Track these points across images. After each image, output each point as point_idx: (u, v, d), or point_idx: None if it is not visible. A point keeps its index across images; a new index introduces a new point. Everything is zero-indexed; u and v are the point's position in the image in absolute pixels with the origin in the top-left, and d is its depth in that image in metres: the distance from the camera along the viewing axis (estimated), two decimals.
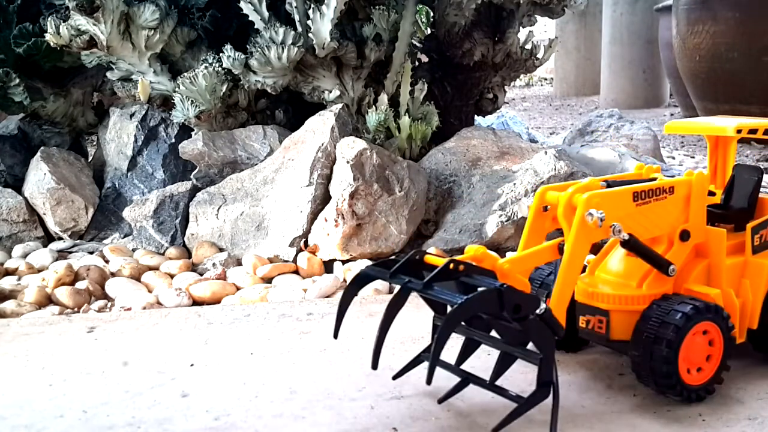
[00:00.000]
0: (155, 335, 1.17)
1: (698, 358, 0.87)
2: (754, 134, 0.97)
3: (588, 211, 0.83)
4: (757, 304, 0.93)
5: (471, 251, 0.86)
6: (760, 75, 3.07)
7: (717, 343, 0.88)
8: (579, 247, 0.84)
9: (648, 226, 0.90)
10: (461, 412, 0.87)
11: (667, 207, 0.90)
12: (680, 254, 0.91)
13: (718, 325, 0.87)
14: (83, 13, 1.69)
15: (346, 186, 1.54)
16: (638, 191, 0.89)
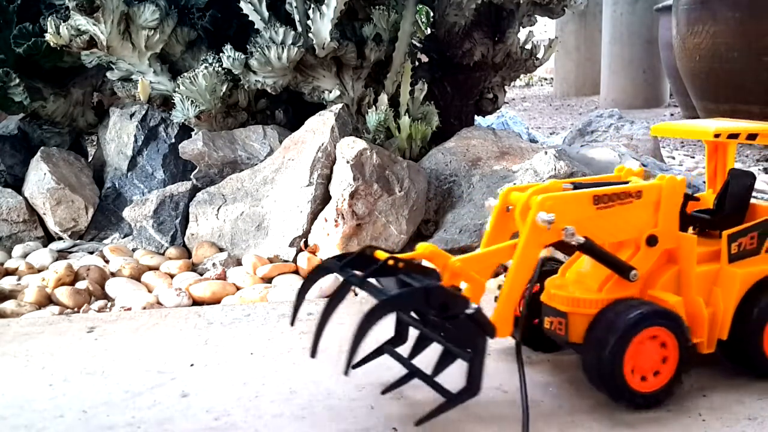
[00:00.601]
0: (155, 335, 1.17)
1: (649, 365, 0.85)
2: (735, 138, 0.94)
3: (538, 213, 0.83)
4: (727, 314, 0.89)
5: (420, 249, 0.87)
6: (760, 75, 3.07)
7: (672, 351, 0.85)
8: (528, 249, 0.84)
9: (611, 230, 0.89)
10: (462, 412, 0.87)
11: (633, 211, 0.88)
12: (646, 259, 0.89)
13: (672, 333, 0.85)
14: (83, 13, 1.69)
15: (346, 186, 1.54)
16: (599, 195, 0.87)
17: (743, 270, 0.90)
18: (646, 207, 0.89)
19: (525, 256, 0.85)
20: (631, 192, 0.88)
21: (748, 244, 0.91)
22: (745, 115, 3.13)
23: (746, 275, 0.90)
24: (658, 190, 0.89)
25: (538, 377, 0.94)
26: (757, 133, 0.94)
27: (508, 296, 0.85)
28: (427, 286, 0.81)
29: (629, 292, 0.89)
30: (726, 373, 0.95)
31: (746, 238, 0.91)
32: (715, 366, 0.98)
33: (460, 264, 0.86)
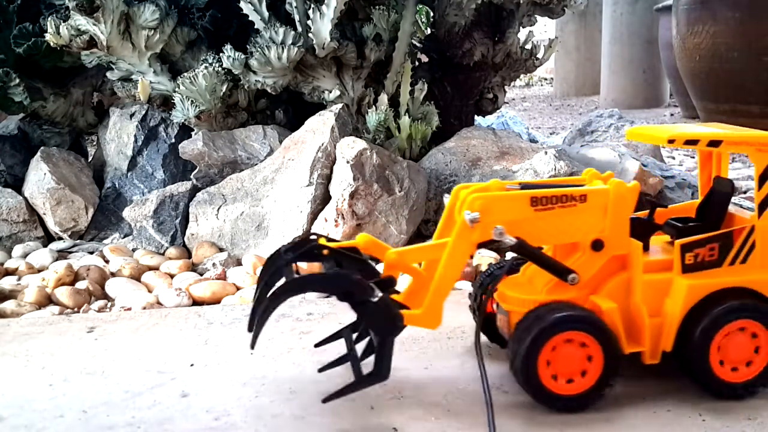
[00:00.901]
0: (155, 335, 1.17)
1: (569, 369, 0.84)
2: (693, 144, 0.89)
3: (464, 211, 0.85)
4: (672, 325, 0.87)
5: (359, 239, 0.91)
6: (760, 75, 3.08)
7: (596, 356, 0.85)
8: (457, 245, 0.86)
9: (552, 232, 0.88)
10: (461, 412, 0.87)
11: (577, 215, 0.88)
12: (591, 264, 0.89)
13: (595, 338, 0.84)
14: (83, 13, 1.69)
15: (346, 186, 1.54)
16: (537, 197, 0.87)
17: (692, 281, 0.86)
18: (592, 211, 0.88)
19: (454, 253, 0.86)
20: (575, 195, 0.88)
21: (706, 255, 0.87)
22: (745, 115, 3.13)
23: (694, 287, 0.86)
24: (605, 195, 0.88)
25: None
26: (722, 140, 0.88)
27: (437, 290, 0.87)
28: (328, 273, 0.87)
29: (569, 296, 0.88)
30: None
31: (704, 249, 0.87)
32: None
33: (395, 256, 0.90)
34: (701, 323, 0.85)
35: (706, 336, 0.85)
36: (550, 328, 0.83)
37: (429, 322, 0.87)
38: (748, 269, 0.88)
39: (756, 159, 0.87)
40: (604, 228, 0.88)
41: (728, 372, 0.87)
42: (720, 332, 0.86)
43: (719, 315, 0.85)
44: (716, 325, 0.85)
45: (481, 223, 0.85)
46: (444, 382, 0.96)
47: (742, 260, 0.88)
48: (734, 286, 0.87)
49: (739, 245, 0.88)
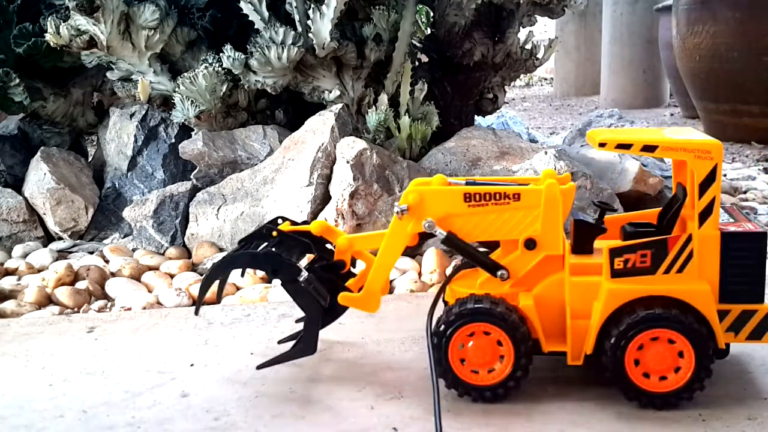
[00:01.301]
0: (155, 335, 1.17)
1: (481, 360, 0.87)
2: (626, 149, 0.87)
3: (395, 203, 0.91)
4: (593, 328, 0.86)
5: (313, 225, 1.00)
6: (760, 75, 3.08)
7: (507, 350, 0.87)
8: (392, 235, 0.92)
9: (486, 228, 0.91)
10: (462, 412, 0.87)
11: (509, 213, 0.90)
12: (523, 262, 0.90)
13: (505, 332, 0.86)
14: (83, 13, 1.69)
15: (346, 186, 1.54)
16: (470, 193, 0.90)
17: (615, 286, 0.86)
18: (525, 210, 0.89)
19: (388, 242, 0.93)
20: (508, 194, 0.89)
21: (638, 262, 0.86)
22: (745, 115, 3.13)
23: (616, 291, 0.85)
24: (539, 195, 0.89)
25: (536, 376, 0.94)
26: (657, 145, 0.86)
27: (374, 276, 0.94)
28: (259, 251, 0.96)
29: (500, 291, 0.90)
30: (726, 373, 0.95)
31: (635, 254, 0.86)
32: (715, 366, 0.98)
33: (345, 242, 0.99)
34: (617, 329, 0.85)
35: (620, 342, 0.85)
36: (456, 320, 0.87)
37: (366, 305, 0.96)
38: (683, 279, 0.86)
39: (695, 166, 0.84)
40: (536, 227, 0.89)
41: (647, 380, 0.86)
42: (635, 340, 0.85)
43: (635, 322, 0.84)
44: (631, 332, 0.84)
45: (413, 215, 0.90)
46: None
47: (678, 269, 0.86)
48: (661, 295, 0.85)
49: (674, 254, 0.85)
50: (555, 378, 0.95)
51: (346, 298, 0.96)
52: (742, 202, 2.10)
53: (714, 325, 0.85)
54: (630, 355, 0.85)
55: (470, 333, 0.87)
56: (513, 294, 0.90)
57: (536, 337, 0.88)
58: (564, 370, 0.93)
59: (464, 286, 0.93)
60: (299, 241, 1.00)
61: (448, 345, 0.87)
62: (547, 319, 0.89)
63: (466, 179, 0.96)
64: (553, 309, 0.89)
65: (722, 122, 3.30)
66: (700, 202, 0.84)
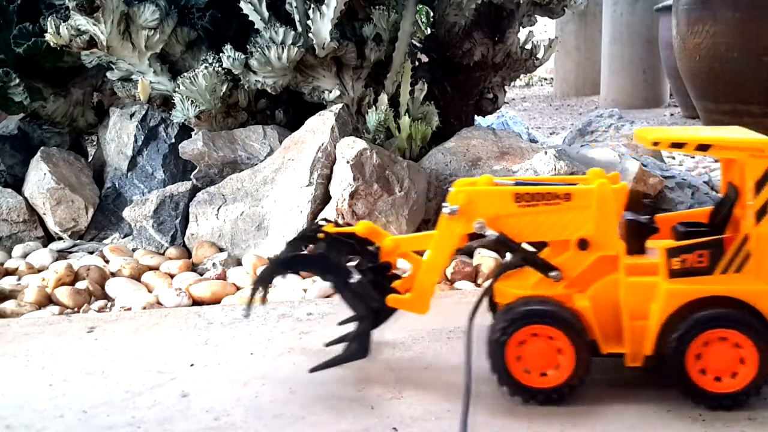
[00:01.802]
0: (155, 335, 1.17)
1: (540, 363, 0.86)
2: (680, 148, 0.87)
3: (444, 204, 0.90)
4: (652, 330, 0.86)
5: (359, 226, 0.98)
6: (760, 75, 3.07)
7: (566, 351, 0.86)
8: (441, 237, 0.91)
9: (537, 229, 0.90)
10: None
11: (561, 213, 0.89)
12: (577, 263, 0.89)
13: (566, 335, 0.85)
14: (83, 13, 1.69)
15: (346, 186, 1.54)
16: (521, 193, 0.89)
17: (674, 287, 0.85)
18: (578, 210, 0.88)
19: (438, 243, 0.92)
20: (559, 194, 0.89)
21: (695, 262, 0.85)
22: (745, 115, 3.13)
23: (676, 292, 0.85)
24: (590, 195, 0.88)
25: None
26: (711, 144, 0.86)
27: (424, 277, 0.93)
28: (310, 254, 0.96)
29: (553, 292, 0.89)
30: None
31: (692, 255, 0.85)
32: None
33: (391, 243, 0.97)
34: (677, 330, 0.84)
35: (681, 343, 0.84)
36: (513, 322, 0.86)
37: (416, 307, 0.94)
38: (741, 279, 0.85)
39: (751, 165, 0.84)
40: (589, 227, 0.88)
41: (709, 381, 0.85)
42: (696, 340, 0.84)
43: (695, 323, 0.84)
44: (692, 332, 0.84)
45: (463, 216, 0.89)
46: (444, 382, 0.96)
47: (736, 269, 0.85)
48: (720, 295, 0.85)
49: (732, 253, 0.85)
50: None
51: (396, 300, 0.94)
52: None
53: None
54: (691, 356, 0.85)
55: (533, 334, 0.86)
56: (566, 295, 0.89)
57: (594, 339, 0.87)
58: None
59: (515, 287, 0.91)
60: (346, 242, 0.98)
61: (506, 346, 0.86)
62: (602, 320, 0.88)
63: (514, 179, 0.95)
64: (607, 310, 0.88)
65: (722, 122, 3.29)
66: (756, 200, 0.84)
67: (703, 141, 0.86)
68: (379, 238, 0.98)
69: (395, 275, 0.99)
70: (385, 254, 0.97)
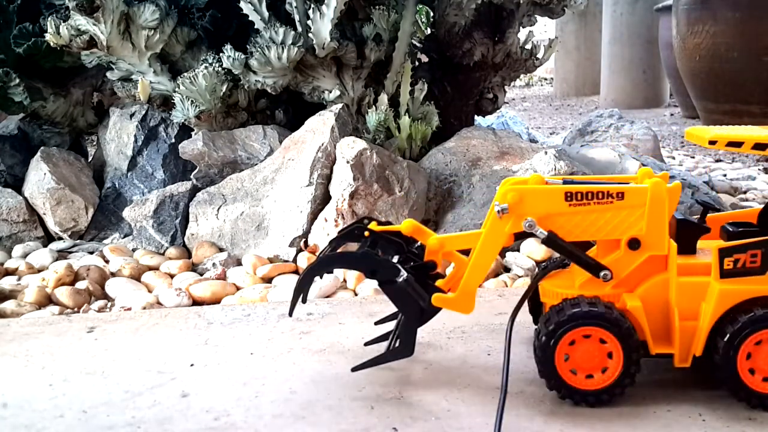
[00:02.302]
0: (155, 335, 1.17)
1: (590, 364, 0.86)
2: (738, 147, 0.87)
3: (494, 202, 0.89)
4: (703, 330, 0.86)
5: (405, 224, 0.97)
6: (760, 75, 3.08)
7: (615, 353, 0.85)
8: (490, 235, 0.90)
9: (588, 228, 0.89)
10: (462, 412, 0.87)
11: (613, 212, 0.88)
12: (627, 262, 0.88)
13: (616, 337, 0.85)
14: (83, 13, 1.69)
15: (346, 186, 1.54)
16: (572, 192, 0.88)
17: (726, 287, 0.85)
18: (629, 209, 0.88)
19: (486, 242, 0.91)
20: (612, 193, 0.88)
21: (748, 262, 0.85)
22: (745, 115, 3.13)
23: (728, 292, 0.85)
24: (644, 194, 0.87)
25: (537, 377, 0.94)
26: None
27: (469, 276, 0.92)
28: (357, 252, 0.94)
29: (602, 292, 0.89)
30: None
31: (745, 254, 0.85)
32: None
33: (436, 242, 0.96)
34: (730, 330, 0.84)
35: (733, 343, 0.84)
36: (566, 322, 0.85)
37: (461, 306, 0.92)
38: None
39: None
40: (641, 227, 0.88)
41: (760, 382, 0.85)
42: (749, 340, 0.84)
43: (748, 322, 0.84)
44: (745, 332, 0.84)
45: (513, 214, 0.88)
46: (444, 382, 0.96)
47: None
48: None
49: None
50: None
51: (441, 299, 0.93)
52: (742, 202, 2.10)
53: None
54: (743, 355, 0.84)
55: (580, 337, 0.85)
56: (615, 295, 0.88)
57: (644, 339, 0.87)
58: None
59: (561, 287, 0.91)
60: (392, 240, 0.98)
61: (556, 347, 0.85)
62: (652, 320, 0.88)
63: (563, 178, 0.95)
64: (656, 310, 0.88)
65: (722, 122, 3.30)
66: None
67: (760, 140, 0.86)
68: (424, 237, 0.98)
69: (439, 274, 0.98)
70: (430, 253, 0.97)
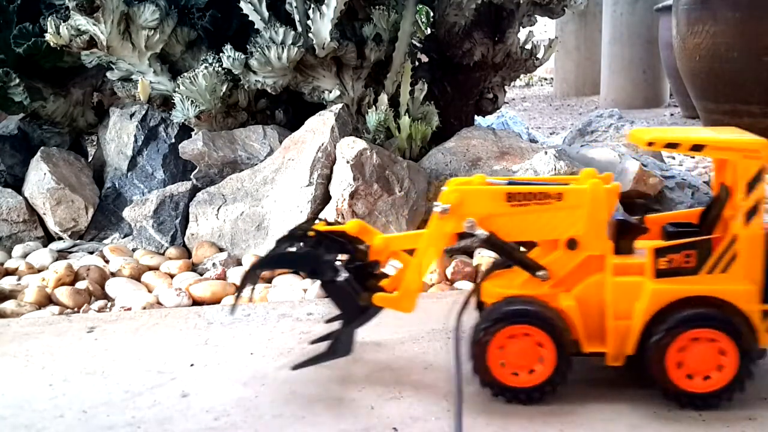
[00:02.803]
0: (155, 335, 1.17)
1: (522, 362, 0.86)
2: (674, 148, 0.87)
3: (435, 203, 0.89)
4: (635, 329, 0.86)
5: (349, 224, 0.97)
6: (760, 75, 3.07)
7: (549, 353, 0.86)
8: (431, 235, 0.91)
9: (527, 228, 0.89)
10: (462, 412, 0.87)
11: (552, 213, 0.88)
12: (565, 262, 0.89)
13: (549, 335, 0.85)
14: (83, 13, 1.69)
15: (346, 186, 1.54)
16: (513, 193, 0.89)
17: (659, 286, 0.85)
18: (568, 210, 0.88)
19: (428, 242, 0.91)
20: (551, 193, 0.88)
21: (682, 262, 0.86)
22: (745, 115, 3.13)
23: (661, 292, 0.85)
24: (582, 195, 0.88)
25: None
26: (705, 144, 0.86)
27: (411, 276, 0.92)
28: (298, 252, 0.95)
29: (540, 292, 0.89)
30: None
31: (679, 255, 0.85)
32: None
33: (382, 242, 0.97)
34: (660, 329, 0.84)
35: (663, 342, 0.84)
36: (497, 322, 0.86)
37: (402, 305, 0.93)
38: (727, 279, 0.85)
39: (743, 165, 0.84)
40: (579, 227, 0.88)
41: (689, 381, 0.85)
42: (679, 339, 0.84)
43: (679, 322, 0.84)
44: (675, 332, 0.84)
45: (454, 215, 0.89)
46: (444, 382, 0.96)
47: (722, 269, 0.85)
48: (705, 295, 0.85)
49: (719, 254, 0.85)
50: None
51: (383, 298, 0.93)
52: None
53: (757, 326, 0.84)
54: (672, 355, 0.85)
55: (514, 334, 0.86)
56: (552, 294, 0.89)
57: (576, 338, 0.88)
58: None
59: (502, 287, 0.91)
60: (336, 240, 0.98)
61: (488, 345, 0.86)
62: (587, 319, 0.88)
63: (507, 179, 0.95)
64: (593, 310, 0.88)
65: (722, 122, 3.29)
66: (747, 201, 0.84)
67: (697, 141, 0.86)
68: (369, 237, 0.98)
69: (384, 274, 0.99)
70: (375, 253, 0.97)
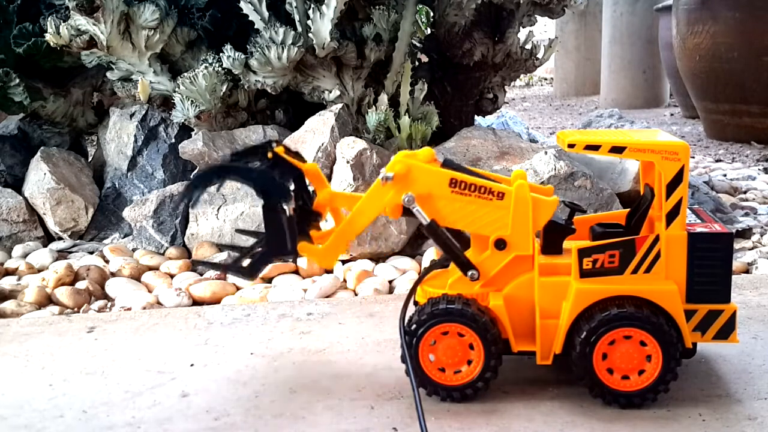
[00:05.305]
0: (155, 335, 1.17)
1: (451, 360, 0.88)
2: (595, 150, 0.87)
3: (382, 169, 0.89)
4: (562, 328, 0.87)
5: (307, 165, 0.97)
6: (760, 75, 3.08)
7: (477, 350, 0.87)
8: (369, 199, 0.91)
9: (463, 217, 0.90)
10: (462, 412, 0.87)
11: (488, 209, 0.89)
12: (494, 262, 0.90)
13: (476, 333, 0.86)
14: (83, 13, 1.69)
15: (346, 186, 1.54)
16: (458, 179, 0.90)
17: (584, 286, 0.86)
18: (505, 210, 0.89)
19: (364, 205, 0.91)
20: (494, 191, 0.89)
21: (606, 262, 0.87)
22: (745, 115, 3.13)
23: (586, 291, 0.86)
24: (509, 196, 0.89)
25: (537, 377, 0.94)
26: (625, 146, 0.86)
27: (340, 234, 0.92)
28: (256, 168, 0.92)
29: (470, 291, 0.90)
30: (726, 373, 0.95)
31: (603, 255, 0.86)
32: (714, 366, 0.98)
33: (327, 195, 0.96)
34: (586, 328, 0.85)
35: (588, 341, 0.85)
36: (428, 319, 0.87)
37: (323, 260, 0.93)
38: (651, 279, 0.86)
39: (663, 167, 0.85)
40: (506, 228, 0.89)
41: (616, 380, 0.86)
42: (604, 338, 0.85)
43: (604, 321, 0.85)
44: (600, 331, 0.85)
45: (396, 185, 0.89)
46: None
47: (645, 269, 0.86)
48: (629, 295, 0.86)
49: (642, 254, 0.86)
50: (556, 379, 0.95)
51: (307, 247, 0.92)
52: (742, 202, 2.10)
53: (681, 325, 0.85)
54: (598, 353, 0.86)
55: (443, 332, 0.88)
56: (483, 294, 0.90)
57: (506, 337, 0.89)
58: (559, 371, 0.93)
59: (435, 286, 0.93)
60: (294, 169, 0.95)
61: (419, 344, 0.87)
62: (517, 319, 0.90)
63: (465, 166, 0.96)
64: (522, 309, 0.90)
65: (722, 122, 3.30)
66: (667, 203, 0.85)
67: (617, 143, 0.87)
68: (320, 185, 0.97)
69: (318, 226, 0.98)
70: (318, 204, 0.97)
